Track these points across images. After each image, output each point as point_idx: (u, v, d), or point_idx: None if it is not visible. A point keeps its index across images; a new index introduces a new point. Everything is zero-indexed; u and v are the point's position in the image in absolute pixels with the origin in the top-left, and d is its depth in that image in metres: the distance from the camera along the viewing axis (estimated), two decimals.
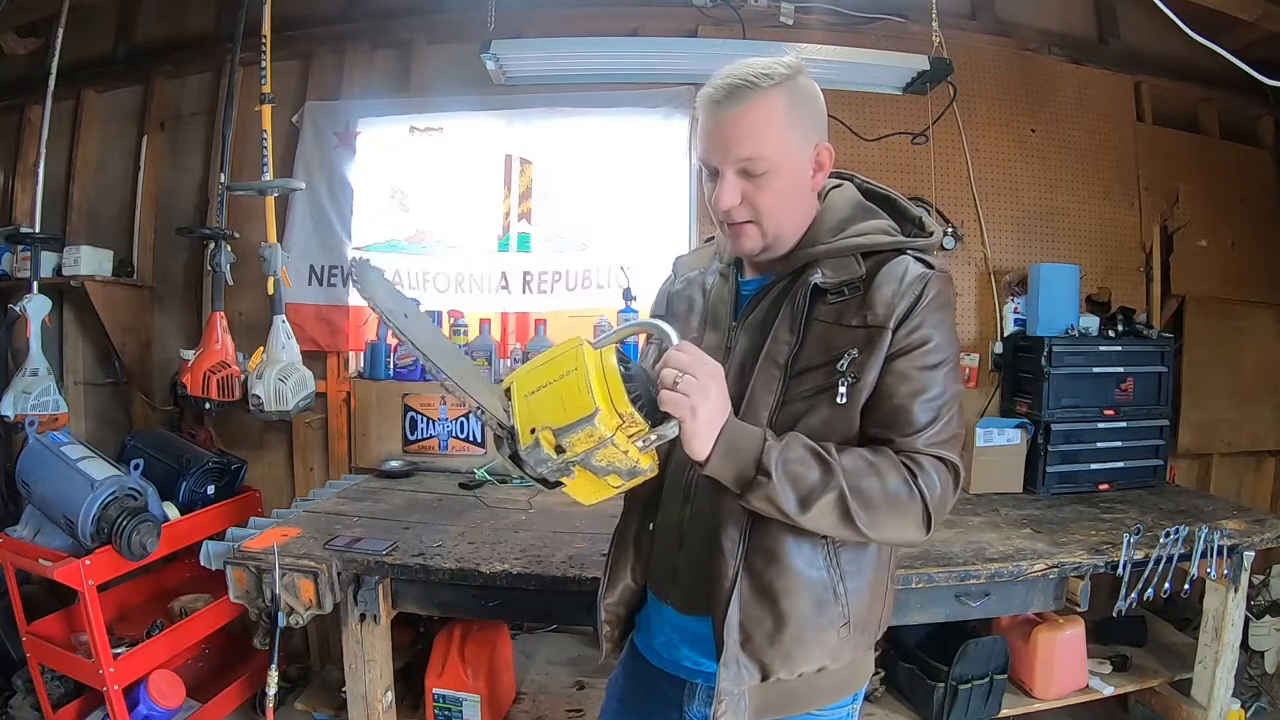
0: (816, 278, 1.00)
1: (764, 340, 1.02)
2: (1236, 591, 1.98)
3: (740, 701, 1.00)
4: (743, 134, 0.97)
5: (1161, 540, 1.86)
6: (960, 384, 1.02)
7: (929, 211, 2.65)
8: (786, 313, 1.01)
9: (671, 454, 1.08)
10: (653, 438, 0.87)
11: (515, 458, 0.87)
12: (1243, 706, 2.37)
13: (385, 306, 0.91)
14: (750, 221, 1.01)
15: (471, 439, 2.71)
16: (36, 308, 2.51)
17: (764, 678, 1.01)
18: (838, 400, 0.96)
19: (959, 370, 1.02)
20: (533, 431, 0.84)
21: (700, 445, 0.88)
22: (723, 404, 0.90)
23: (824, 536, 0.98)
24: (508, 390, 0.90)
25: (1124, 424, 2.53)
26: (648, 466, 0.89)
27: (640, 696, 1.19)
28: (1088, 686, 2.18)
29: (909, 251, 1.02)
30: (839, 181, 1.12)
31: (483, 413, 0.89)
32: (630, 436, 0.85)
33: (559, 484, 0.90)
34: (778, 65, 0.99)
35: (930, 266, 1.00)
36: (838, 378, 0.96)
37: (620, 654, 1.23)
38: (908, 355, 0.96)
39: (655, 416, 0.88)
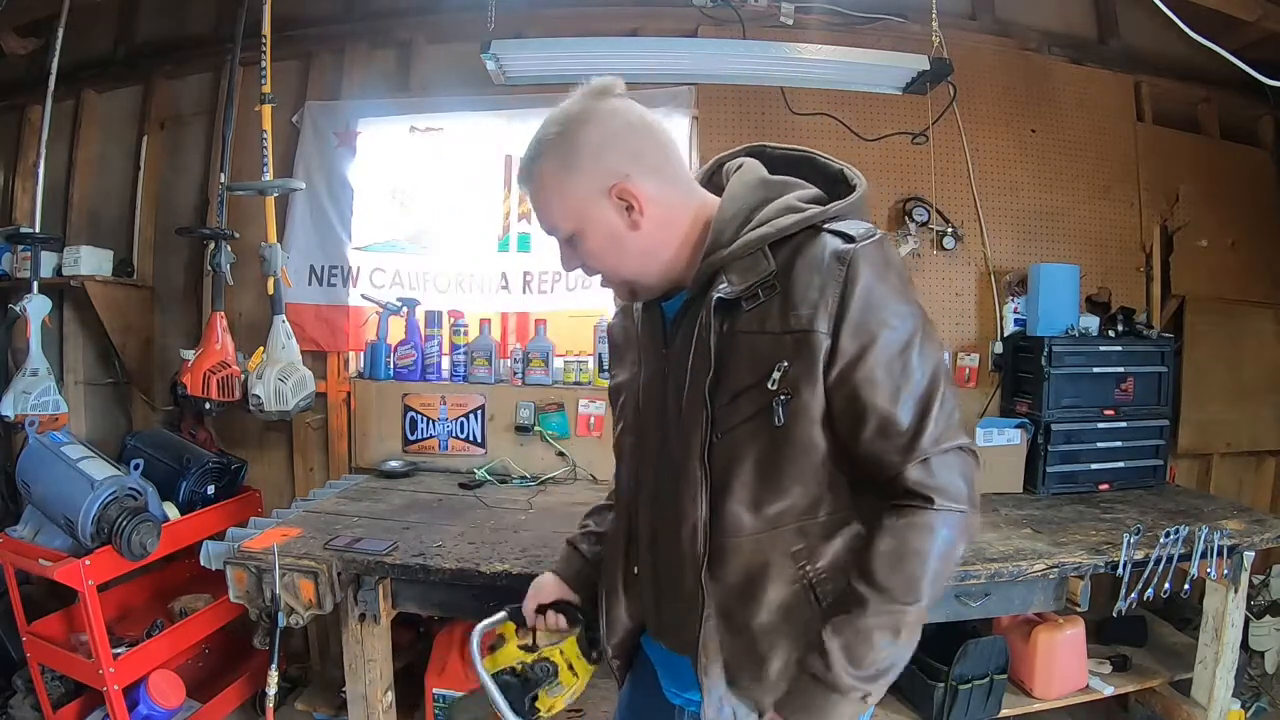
0: (721, 289, 0.90)
1: (687, 368, 0.95)
2: (1236, 591, 1.98)
3: None
4: (537, 210, 0.99)
5: (1161, 540, 1.86)
6: (936, 348, 0.90)
7: (929, 211, 2.71)
8: (697, 336, 0.92)
9: (638, 501, 1.07)
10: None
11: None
12: (1243, 707, 2.37)
13: None
14: (604, 277, 1.01)
15: (471, 439, 2.71)
16: (36, 308, 2.50)
17: (761, 714, 0.97)
18: (776, 423, 0.88)
19: (930, 335, 0.90)
20: None
21: None
22: None
23: (800, 570, 0.93)
24: None
25: (1124, 424, 2.53)
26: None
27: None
28: (1088, 686, 2.18)
29: (825, 226, 0.90)
30: (741, 161, 1.02)
31: None
32: None
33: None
34: (551, 124, 0.95)
35: (850, 238, 0.87)
36: (770, 397, 0.88)
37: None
38: (865, 357, 0.85)
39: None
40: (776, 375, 0.87)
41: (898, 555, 0.87)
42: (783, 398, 0.87)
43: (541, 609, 1.20)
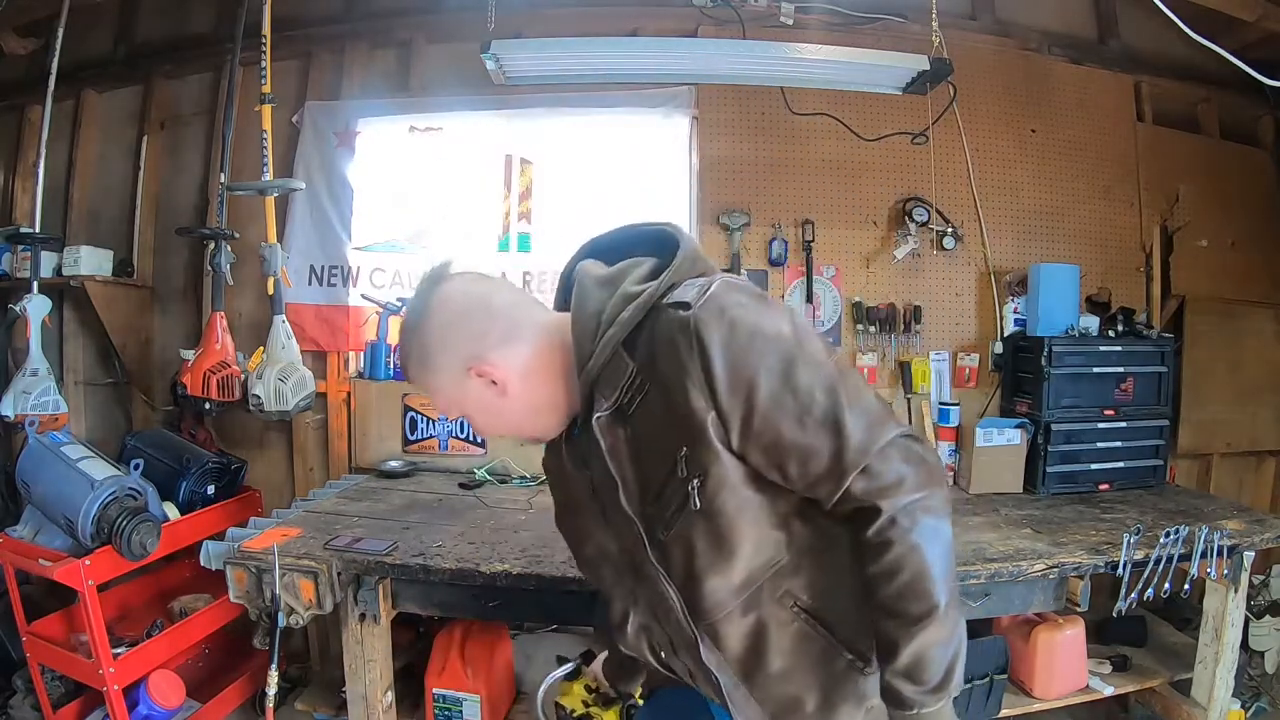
0: (599, 412, 0.92)
1: (603, 487, 0.97)
2: (1236, 591, 1.98)
3: None
4: (432, 401, 1.04)
5: (1161, 540, 1.86)
6: (818, 352, 0.88)
7: (929, 211, 2.71)
8: (598, 458, 0.95)
9: (633, 609, 1.08)
10: None
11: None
12: (1243, 707, 2.37)
13: None
14: (506, 435, 1.06)
15: (471, 439, 2.71)
16: (36, 308, 2.50)
17: None
18: (693, 507, 0.88)
19: (806, 346, 0.87)
20: None
21: None
22: None
23: (793, 611, 0.94)
24: None
25: (1124, 424, 2.53)
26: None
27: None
28: (1088, 686, 2.18)
29: (665, 302, 0.90)
30: (575, 267, 1.03)
31: None
32: None
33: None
34: (403, 329, 1.02)
35: (686, 305, 0.86)
36: (686, 484, 0.88)
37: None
38: (754, 407, 0.84)
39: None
40: (682, 463, 0.88)
41: (898, 580, 0.85)
42: (696, 482, 0.88)
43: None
